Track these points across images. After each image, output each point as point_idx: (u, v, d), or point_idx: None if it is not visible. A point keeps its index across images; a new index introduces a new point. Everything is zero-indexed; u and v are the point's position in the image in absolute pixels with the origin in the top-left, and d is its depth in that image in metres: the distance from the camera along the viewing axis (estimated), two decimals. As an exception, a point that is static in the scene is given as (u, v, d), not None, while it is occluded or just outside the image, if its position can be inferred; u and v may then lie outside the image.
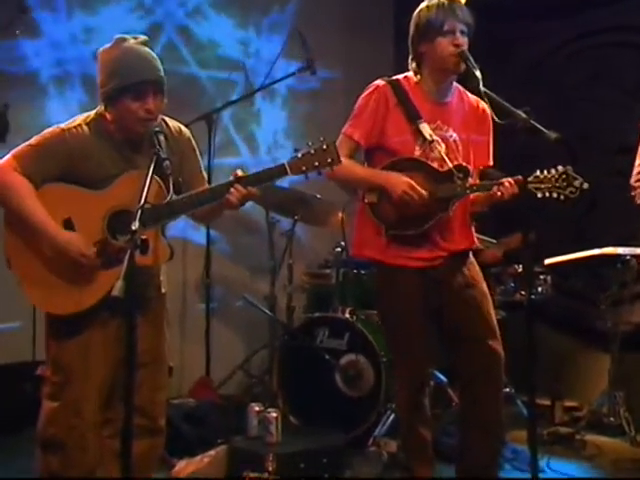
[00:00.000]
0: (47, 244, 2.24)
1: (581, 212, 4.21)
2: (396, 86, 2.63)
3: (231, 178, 2.24)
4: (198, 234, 4.41)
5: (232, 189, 2.21)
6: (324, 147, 2.18)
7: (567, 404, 3.95)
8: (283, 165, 2.20)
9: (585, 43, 4.48)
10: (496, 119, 2.55)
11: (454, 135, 2.63)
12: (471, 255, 2.71)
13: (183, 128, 2.45)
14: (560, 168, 2.41)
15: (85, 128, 2.30)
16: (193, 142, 2.47)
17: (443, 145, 2.59)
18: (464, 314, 2.61)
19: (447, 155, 2.58)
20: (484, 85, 2.48)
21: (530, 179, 2.42)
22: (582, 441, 3.56)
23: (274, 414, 3.14)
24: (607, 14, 4.33)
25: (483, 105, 2.63)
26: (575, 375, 4.20)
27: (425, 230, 2.57)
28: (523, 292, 3.77)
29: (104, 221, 2.24)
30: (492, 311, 2.67)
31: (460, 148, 2.63)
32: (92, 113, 2.34)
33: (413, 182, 2.51)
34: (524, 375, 2.27)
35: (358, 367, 3.60)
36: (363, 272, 3.96)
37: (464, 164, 2.58)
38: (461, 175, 2.55)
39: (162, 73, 2.29)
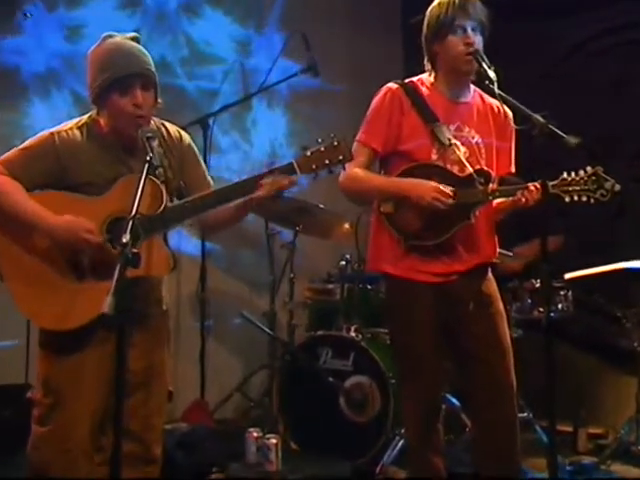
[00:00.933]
0: (46, 234, 2.24)
1: (606, 221, 4.20)
2: (409, 88, 2.64)
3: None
4: (192, 246, 4.41)
5: (261, 189, 2.20)
6: (335, 144, 2.19)
7: (591, 431, 3.93)
8: (291, 164, 2.21)
9: (610, 40, 4.45)
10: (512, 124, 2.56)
11: (476, 137, 2.64)
12: (489, 270, 2.71)
13: (183, 133, 2.47)
14: (589, 169, 2.42)
15: (77, 132, 2.33)
16: (194, 147, 2.49)
17: (463, 148, 2.60)
18: (477, 334, 2.61)
19: (468, 159, 2.59)
20: (499, 87, 2.49)
21: (556, 182, 2.43)
22: (608, 472, 3.54)
23: (274, 440, 3.13)
24: (635, 7, 4.31)
25: (505, 109, 2.65)
26: (599, 399, 4.18)
27: (446, 240, 2.57)
28: (541, 309, 3.76)
29: (102, 229, 2.25)
30: (507, 332, 2.66)
31: (483, 152, 2.64)
32: (85, 117, 2.37)
33: (440, 185, 2.52)
34: (543, 399, 2.26)
35: (364, 390, 3.59)
36: (370, 287, 3.96)
37: (485, 168, 2.59)
38: (482, 180, 2.55)
39: (151, 67, 2.31)
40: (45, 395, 2.32)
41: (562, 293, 3.80)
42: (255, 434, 3.23)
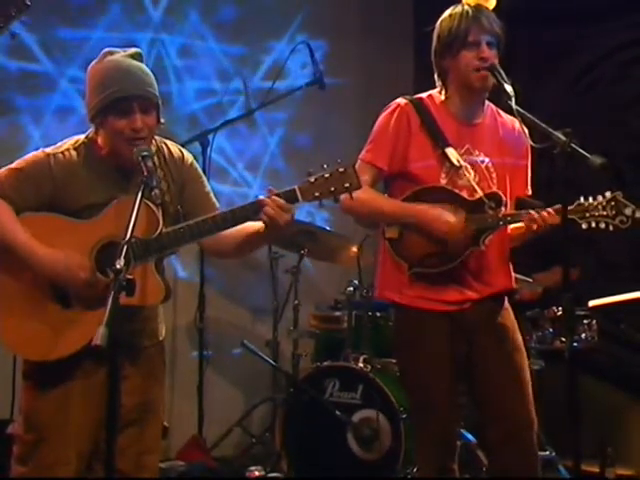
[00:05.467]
0: (35, 267, 2.25)
1: (633, 245, 4.19)
2: (419, 106, 2.65)
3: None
4: (190, 271, 4.42)
5: (267, 206, 2.19)
6: (341, 170, 2.19)
7: (620, 472, 3.90)
8: (293, 190, 2.22)
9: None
10: (531, 142, 2.57)
11: (486, 160, 2.65)
12: (506, 300, 2.71)
13: (185, 152, 2.49)
14: (608, 194, 2.42)
15: (73, 153, 2.34)
16: (197, 167, 2.50)
17: (472, 171, 2.61)
18: (493, 369, 2.60)
19: (478, 183, 2.60)
20: (517, 103, 2.50)
21: (573, 207, 2.43)
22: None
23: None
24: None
25: (520, 126, 2.65)
26: (628, 437, 4.14)
27: (453, 268, 2.57)
28: (564, 339, 3.75)
29: (92, 254, 2.26)
30: (526, 367, 2.66)
31: (494, 174, 2.65)
32: (82, 137, 2.39)
33: (448, 217, 2.52)
34: (567, 436, 2.25)
35: (374, 425, 3.58)
36: (379, 315, 3.95)
37: (496, 191, 2.59)
38: (493, 204, 2.56)
39: (152, 88, 2.32)
40: (27, 431, 2.32)
41: (586, 322, 3.79)
42: (257, 473, 3.23)
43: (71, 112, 4.20)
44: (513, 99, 2.50)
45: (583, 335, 3.78)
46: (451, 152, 2.60)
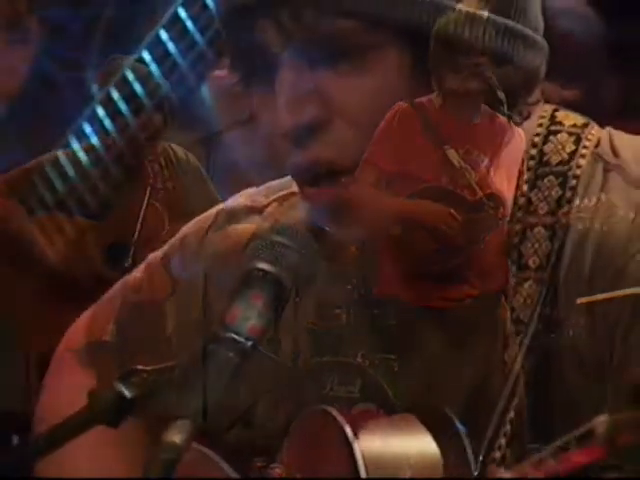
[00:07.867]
0: (47, 266, 2.27)
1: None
2: (420, 109, 2.67)
3: None
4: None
5: None
6: None
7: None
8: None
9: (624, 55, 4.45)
10: (524, 147, 2.59)
11: (486, 160, 2.66)
12: (503, 297, 2.73)
13: (190, 155, 2.52)
14: (603, 196, 2.45)
15: (82, 154, 2.36)
16: (201, 169, 2.53)
17: (473, 172, 2.63)
18: (484, 360, 2.62)
19: (478, 182, 2.61)
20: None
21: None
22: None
23: (278, 470, 3.14)
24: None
25: (519, 131, 2.67)
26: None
27: (454, 265, 2.59)
28: (553, 335, 3.77)
29: (103, 253, 2.28)
30: (518, 361, 2.68)
31: (493, 174, 2.67)
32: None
33: (451, 213, 2.53)
34: (556, 431, 2.27)
35: (371, 418, 3.60)
36: (377, 312, 3.97)
37: (495, 192, 2.61)
38: (492, 204, 2.58)
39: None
40: (40, 424, 2.34)
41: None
42: (258, 464, 3.23)
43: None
44: (505, 105, 2.53)
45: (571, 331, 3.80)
46: (452, 154, 2.62)
